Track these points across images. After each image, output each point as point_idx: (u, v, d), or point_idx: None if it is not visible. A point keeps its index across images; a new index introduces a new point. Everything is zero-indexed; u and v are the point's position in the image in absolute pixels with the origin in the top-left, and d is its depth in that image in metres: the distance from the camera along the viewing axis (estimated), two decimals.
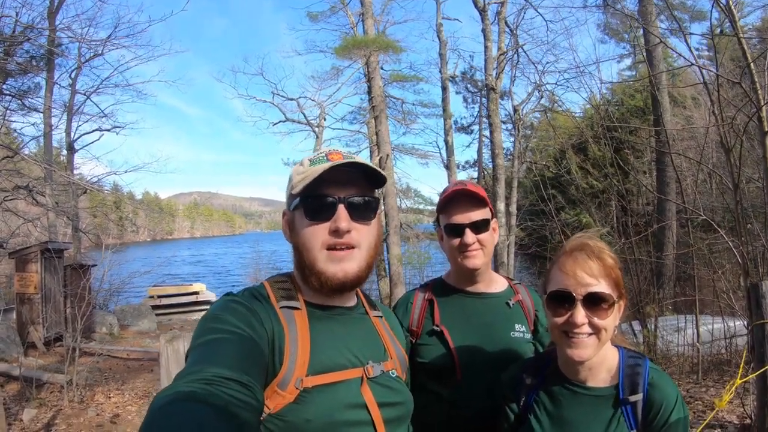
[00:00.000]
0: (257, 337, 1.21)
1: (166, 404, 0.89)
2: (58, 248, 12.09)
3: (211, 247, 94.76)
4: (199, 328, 1.22)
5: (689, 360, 7.64)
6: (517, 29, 19.37)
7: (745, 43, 5.17)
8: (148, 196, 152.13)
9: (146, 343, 13.69)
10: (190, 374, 1.00)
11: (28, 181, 15.46)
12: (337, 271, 1.38)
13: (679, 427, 1.41)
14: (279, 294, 1.40)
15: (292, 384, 1.24)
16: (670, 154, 10.08)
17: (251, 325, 1.23)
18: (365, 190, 1.45)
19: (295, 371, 1.25)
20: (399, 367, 1.53)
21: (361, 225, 1.42)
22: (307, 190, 1.37)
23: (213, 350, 1.11)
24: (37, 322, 11.24)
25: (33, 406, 7.82)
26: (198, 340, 1.16)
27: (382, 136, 18.42)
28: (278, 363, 1.25)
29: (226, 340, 1.15)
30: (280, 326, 1.30)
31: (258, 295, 1.37)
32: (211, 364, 1.04)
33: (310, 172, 1.38)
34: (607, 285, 1.45)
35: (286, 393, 1.23)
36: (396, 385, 1.46)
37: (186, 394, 0.92)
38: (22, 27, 13.51)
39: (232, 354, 1.10)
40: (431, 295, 2.15)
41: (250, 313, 1.27)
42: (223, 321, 1.21)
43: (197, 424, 0.84)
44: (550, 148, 23.98)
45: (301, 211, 1.41)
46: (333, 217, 1.37)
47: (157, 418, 0.86)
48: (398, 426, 1.43)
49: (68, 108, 18.84)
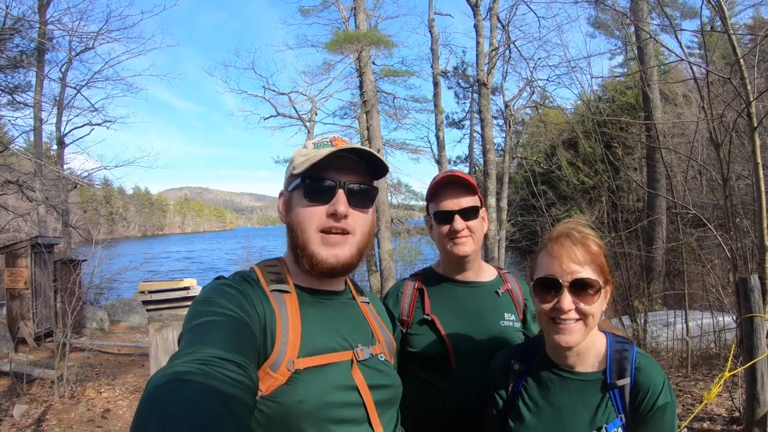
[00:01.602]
0: (249, 320, 1.21)
1: (162, 384, 0.89)
2: (48, 243, 12.01)
3: (200, 243, 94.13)
4: (191, 311, 1.22)
5: (678, 354, 7.71)
6: (509, 25, 19.39)
7: (735, 39, 5.20)
8: (138, 192, 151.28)
9: (137, 338, 13.64)
10: (185, 355, 1.00)
11: (18, 176, 15.36)
12: (329, 256, 1.39)
13: (666, 410, 1.43)
14: (269, 278, 1.41)
15: (283, 366, 1.25)
16: (660, 150, 10.13)
17: (243, 308, 1.23)
18: (365, 179, 1.47)
19: (286, 353, 1.26)
20: (387, 351, 1.54)
21: (358, 212, 1.44)
22: (309, 171, 1.39)
23: (207, 331, 1.11)
24: (27, 318, 11.17)
25: (24, 401, 7.78)
26: (191, 323, 1.16)
27: (374, 131, 18.40)
28: (270, 345, 1.26)
29: (219, 322, 1.15)
30: (270, 309, 1.31)
31: (249, 279, 1.38)
32: (205, 345, 1.04)
33: (313, 155, 1.39)
34: (592, 271, 1.47)
35: (278, 375, 1.23)
36: (385, 368, 1.47)
37: (182, 374, 0.92)
38: (13, 20, 13.42)
39: (225, 335, 1.11)
40: (421, 285, 2.16)
41: (242, 296, 1.27)
42: (215, 303, 1.21)
43: (193, 403, 0.84)
44: (541, 143, 24.04)
45: (301, 191, 1.42)
46: (332, 200, 1.39)
47: (153, 398, 0.86)
48: (388, 408, 1.44)
49: (58, 102, 18.67)
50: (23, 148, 18.11)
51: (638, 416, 1.45)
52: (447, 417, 1.95)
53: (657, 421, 1.43)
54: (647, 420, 1.44)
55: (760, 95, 5.49)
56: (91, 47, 18.30)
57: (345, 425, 1.30)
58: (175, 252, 65.50)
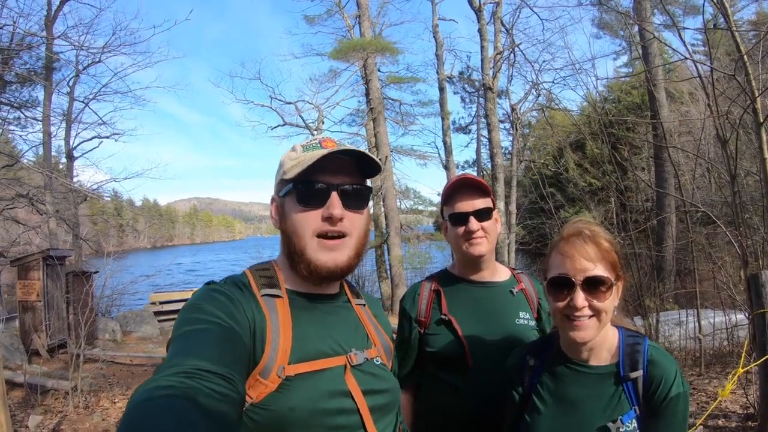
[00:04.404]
0: (238, 327, 1.20)
1: (144, 400, 0.88)
2: (60, 255, 12.08)
3: (208, 254, 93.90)
4: (180, 317, 1.21)
5: (692, 353, 7.67)
6: (513, 28, 19.45)
7: (738, 36, 5.21)
8: (147, 203, 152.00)
9: (149, 349, 13.69)
10: (170, 367, 0.99)
11: (28, 189, 15.51)
12: (327, 260, 1.37)
13: (679, 401, 1.45)
14: (260, 282, 1.39)
15: (274, 372, 1.23)
16: (666, 149, 10.12)
17: (231, 315, 1.21)
18: (358, 179, 1.45)
19: (276, 359, 1.24)
20: (384, 355, 1.51)
21: (353, 213, 1.41)
22: (300, 176, 1.35)
23: (192, 342, 1.10)
24: (40, 330, 11.23)
25: (38, 412, 7.83)
26: (178, 331, 1.15)
27: (381, 138, 18.47)
28: (260, 351, 1.24)
29: (205, 330, 1.14)
30: (261, 314, 1.29)
31: (239, 283, 1.36)
32: (190, 356, 1.03)
33: (303, 158, 1.38)
34: (604, 268, 1.50)
35: (268, 381, 1.22)
36: (381, 372, 1.45)
37: (164, 388, 0.91)
38: (20, 36, 13.59)
39: (211, 345, 1.09)
40: (437, 286, 2.19)
41: (231, 302, 1.25)
42: (203, 311, 1.20)
43: (175, 420, 0.83)
44: (548, 146, 24.02)
45: (293, 197, 1.39)
46: (326, 204, 1.36)
47: (134, 415, 0.85)
48: (385, 414, 1.41)
49: (67, 116, 18.83)
50: (33, 162, 18.29)
51: (652, 407, 1.48)
52: (464, 415, 1.98)
53: (670, 412, 1.45)
54: (661, 411, 1.46)
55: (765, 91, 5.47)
56: (98, 61, 18.47)
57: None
58: (177, 265, 65.49)
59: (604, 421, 1.50)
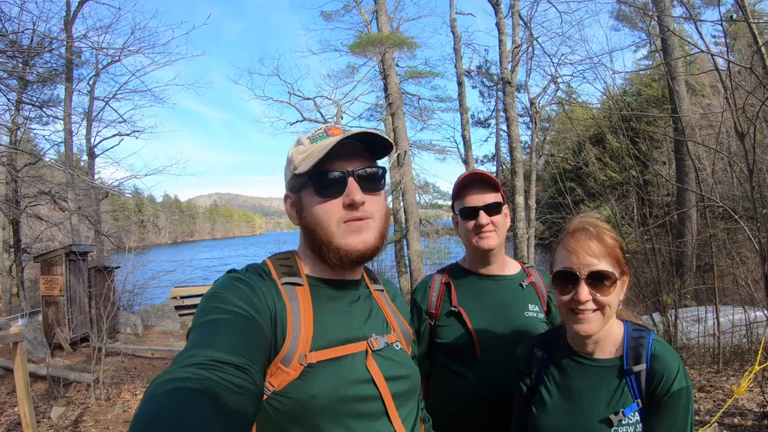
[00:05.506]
0: (258, 316, 1.20)
1: (159, 393, 0.88)
2: (82, 251, 12.29)
3: (228, 250, 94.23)
4: (200, 306, 1.21)
5: (710, 350, 7.59)
6: (531, 22, 19.32)
7: (755, 28, 5.14)
8: (168, 199, 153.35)
9: (170, 342, 13.90)
10: (187, 358, 0.99)
11: (50, 186, 15.77)
12: (358, 243, 1.36)
13: (681, 396, 1.47)
14: (281, 270, 1.39)
15: (295, 360, 1.23)
16: (685, 143, 9.99)
17: (252, 304, 1.21)
18: (370, 161, 1.43)
19: (298, 347, 1.24)
20: (403, 340, 1.51)
21: (372, 196, 1.40)
22: (314, 167, 1.34)
23: (211, 332, 1.10)
24: (63, 324, 11.44)
25: (61, 404, 8.00)
26: (198, 320, 1.15)
27: (400, 133, 18.43)
28: (281, 340, 1.24)
29: (225, 320, 1.14)
30: (282, 303, 1.29)
31: (260, 272, 1.36)
32: (207, 347, 1.03)
33: (313, 150, 1.38)
34: (608, 263, 1.54)
35: (290, 369, 1.22)
36: (401, 358, 1.45)
37: (180, 380, 0.90)
38: (40, 37, 13.80)
39: (230, 336, 1.09)
40: (448, 279, 2.24)
41: (252, 291, 1.25)
42: (223, 300, 1.20)
43: (189, 412, 0.83)
44: (567, 140, 23.83)
45: (310, 189, 1.38)
46: (345, 191, 1.35)
47: (149, 407, 0.84)
48: (407, 400, 1.41)
49: (87, 114, 19.03)
50: (55, 159, 18.57)
51: (654, 401, 1.50)
52: (473, 404, 2.03)
53: (672, 406, 1.47)
54: (663, 405, 1.48)
55: None
56: (117, 59, 18.66)
57: (362, 420, 1.28)
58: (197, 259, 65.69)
59: (608, 413, 1.53)
